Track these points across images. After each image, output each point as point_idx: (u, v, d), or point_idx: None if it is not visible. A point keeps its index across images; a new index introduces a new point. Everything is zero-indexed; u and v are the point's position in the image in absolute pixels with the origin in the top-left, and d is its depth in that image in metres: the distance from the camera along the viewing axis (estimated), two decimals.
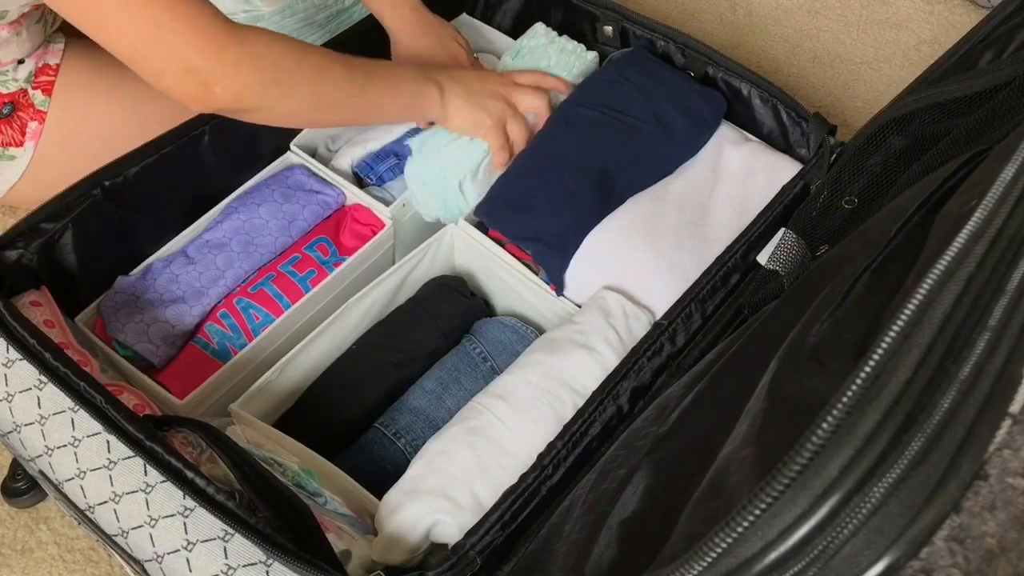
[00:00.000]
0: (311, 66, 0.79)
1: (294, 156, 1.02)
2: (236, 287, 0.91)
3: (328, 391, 0.89)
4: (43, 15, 1.01)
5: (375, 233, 0.96)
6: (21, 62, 1.02)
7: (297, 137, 1.02)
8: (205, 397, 0.85)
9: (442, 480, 0.75)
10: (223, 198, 0.97)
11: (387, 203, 0.98)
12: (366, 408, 0.88)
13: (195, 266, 0.91)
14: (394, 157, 1.02)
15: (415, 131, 1.05)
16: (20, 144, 1.03)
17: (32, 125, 1.03)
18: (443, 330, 0.93)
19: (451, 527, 0.73)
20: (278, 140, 1.02)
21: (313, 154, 1.04)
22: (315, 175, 1.00)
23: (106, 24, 0.70)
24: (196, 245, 0.92)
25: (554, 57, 1.03)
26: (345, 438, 0.86)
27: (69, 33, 1.07)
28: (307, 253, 0.94)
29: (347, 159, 1.03)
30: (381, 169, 1.01)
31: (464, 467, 0.76)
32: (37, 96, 1.02)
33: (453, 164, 0.93)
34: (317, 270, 0.93)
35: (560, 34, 1.07)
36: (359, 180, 1.03)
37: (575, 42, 1.06)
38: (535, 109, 0.97)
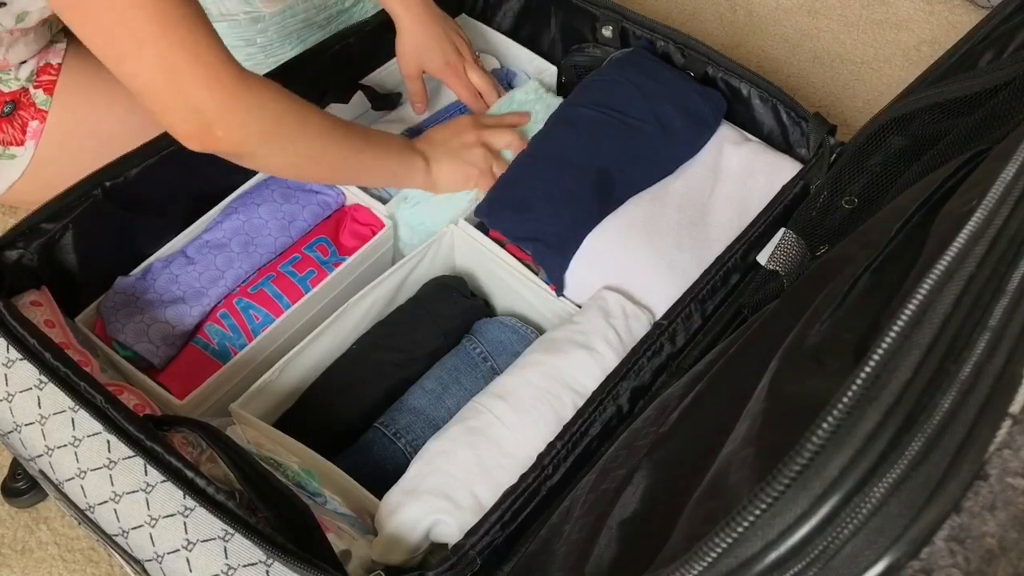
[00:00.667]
0: (313, 125, 0.81)
1: None
2: (236, 287, 0.91)
3: (328, 391, 0.89)
4: (49, 17, 1.01)
5: (375, 233, 0.96)
6: (24, 61, 1.02)
7: None
8: (205, 397, 0.85)
9: (442, 480, 0.75)
10: (223, 198, 0.97)
11: (384, 201, 0.98)
12: (366, 408, 0.88)
13: (195, 266, 0.90)
14: None
15: (416, 131, 1.05)
16: (21, 143, 1.03)
17: (33, 124, 1.03)
18: (443, 330, 0.93)
19: (451, 527, 0.73)
20: None
21: None
22: None
23: (125, 60, 0.71)
24: (196, 245, 0.92)
25: (541, 113, 1.04)
26: (345, 438, 0.86)
27: (71, 34, 1.07)
28: (307, 253, 0.94)
29: None
30: None
31: (464, 467, 0.76)
32: (39, 95, 1.02)
33: (441, 213, 0.97)
34: (317, 270, 0.93)
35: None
36: None
37: (562, 99, 1.06)
38: (509, 146, 0.99)
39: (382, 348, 0.91)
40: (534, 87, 1.07)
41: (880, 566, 0.35)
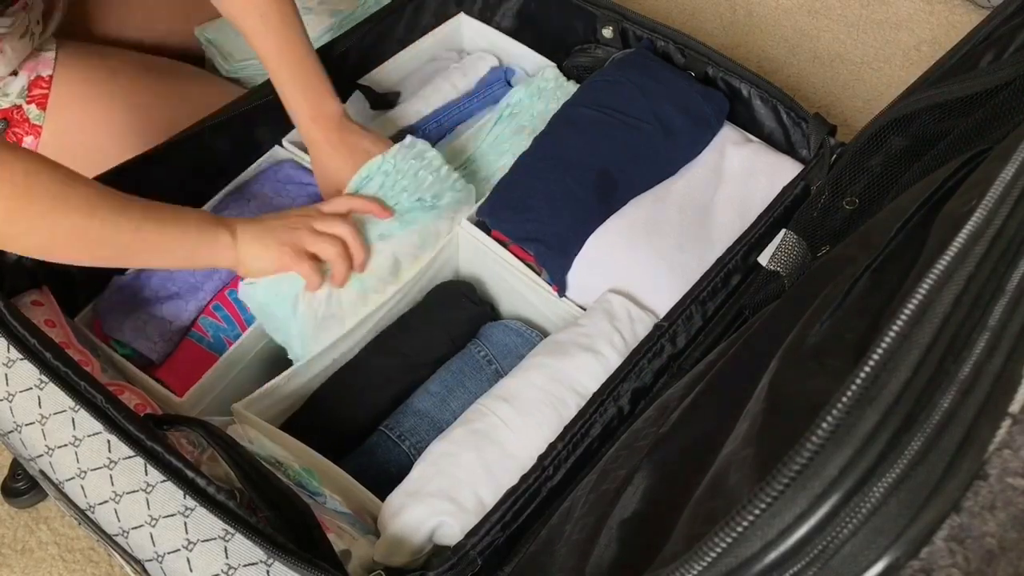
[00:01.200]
0: (78, 197, 0.73)
1: (282, 151, 1.02)
2: (230, 280, 0.92)
3: (335, 395, 0.89)
4: (28, 29, 0.99)
5: None
6: (14, 74, 1.00)
7: (290, 133, 1.02)
8: (204, 392, 0.85)
9: (446, 482, 0.75)
10: None
11: None
12: (372, 412, 0.88)
13: None
14: None
15: (414, 130, 1.05)
16: None
17: (27, 140, 1.00)
18: (451, 336, 0.93)
19: (454, 529, 0.73)
20: (280, 140, 1.02)
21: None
22: (304, 168, 1.00)
23: None
24: None
25: (561, 100, 1.03)
26: (351, 441, 0.86)
27: (60, 41, 1.05)
28: None
29: None
30: None
31: (468, 469, 0.76)
32: (32, 111, 1.00)
33: (274, 295, 0.84)
34: None
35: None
36: None
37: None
38: (340, 235, 0.85)
39: (389, 353, 0.91)
40: (553, 75, 1.07)
41: (880, 566, 0.35)
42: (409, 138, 0.93)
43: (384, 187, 0.90)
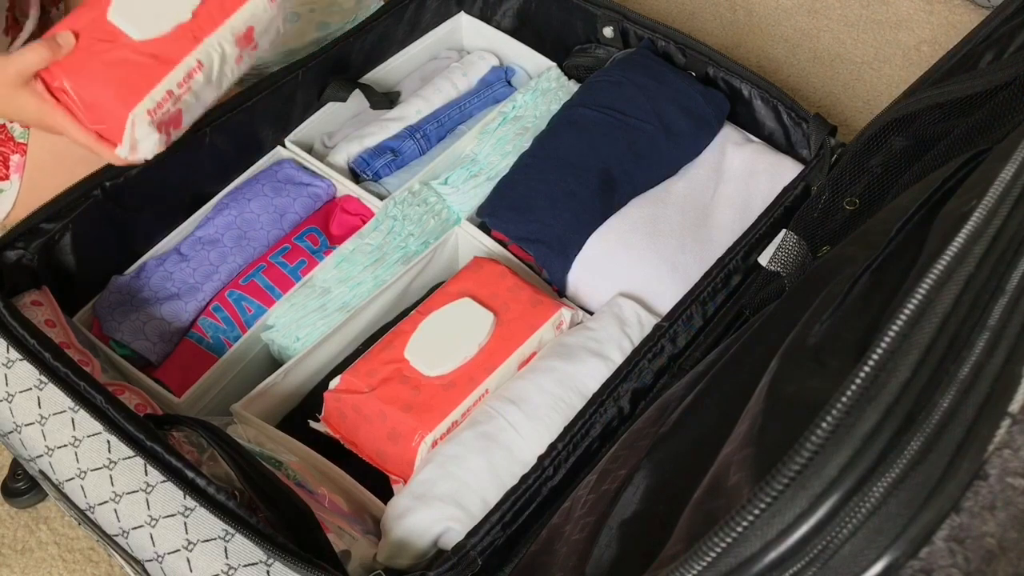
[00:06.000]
0: None
1: (284, 151, 1.02)
2: (230, 281, 0.92)
3: None
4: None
5: (364, 222, 0.96)
6: None
7: (292, 133, 1.02)
8: (203, 393, 0.85)
9: (454, 487, 0.74)
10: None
11: (382, 198, 0.98)
12: None
13: (189, 263, 0.91)
14: (390, 153, 1.02)
15: (415, 129, 1.05)
16: (6, 178, 0.99)
17: (15, 158, 0.97)
18: None
19: (460, 536, 0.72)
20: (281, 139, 1.02)
21: (310, 150, 1.04)
22: (305, 168, 1.00)
23: None
24: (189, 242, 0.93)
25: (564, 101, 1.03)
26: None
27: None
28: (297, 244, 0.94)
29: (343, 155, 1.03)
30: (377, 165, 1.01)
31: (476, 474, 0.75)
32: (15, 129, 0.98)
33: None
34: (307, 260, 0.93)
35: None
36: (355, 176, 1.04)
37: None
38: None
39: None
40: (556, 75, 1.07)
41: (879, 566, 0.35)
42: (417, 184, 0.97)
43: (392, 232, 0.94)
